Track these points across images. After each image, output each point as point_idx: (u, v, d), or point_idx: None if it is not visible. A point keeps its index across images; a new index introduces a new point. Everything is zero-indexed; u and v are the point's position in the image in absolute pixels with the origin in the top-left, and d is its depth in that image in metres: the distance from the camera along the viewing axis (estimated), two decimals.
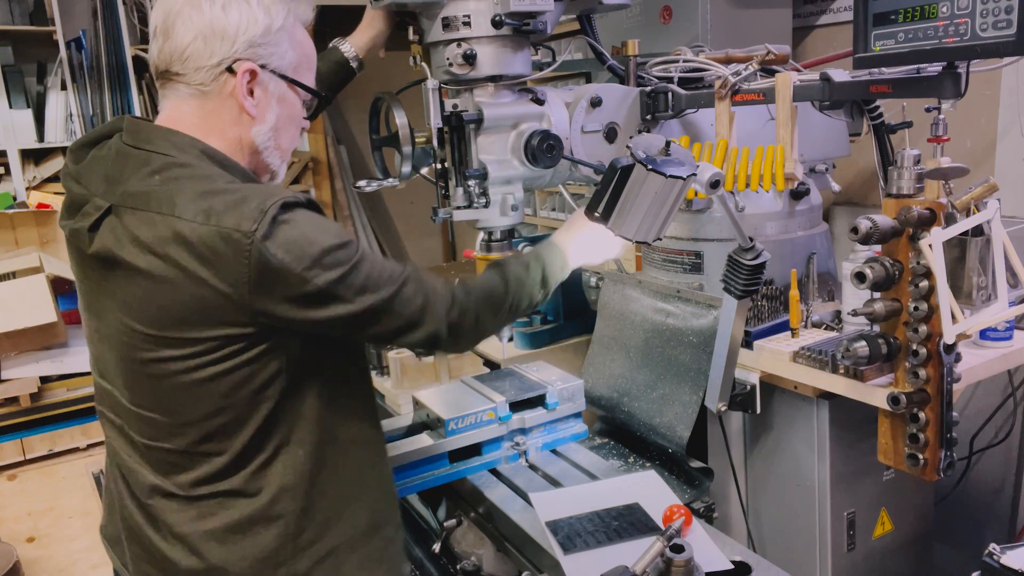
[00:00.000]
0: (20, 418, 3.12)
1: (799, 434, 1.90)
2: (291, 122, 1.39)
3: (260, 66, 1.29)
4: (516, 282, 1.45)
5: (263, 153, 1.36)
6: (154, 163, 1.26)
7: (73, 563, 3.14)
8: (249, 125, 1.32)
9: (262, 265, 1.16)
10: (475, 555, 1.76)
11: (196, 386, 1.25)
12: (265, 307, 1.20)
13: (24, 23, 3.94)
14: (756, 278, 1.62)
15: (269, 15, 1.29)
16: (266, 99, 1.32)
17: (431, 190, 1.81)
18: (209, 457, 1.29)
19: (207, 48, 1.26)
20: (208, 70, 1.28)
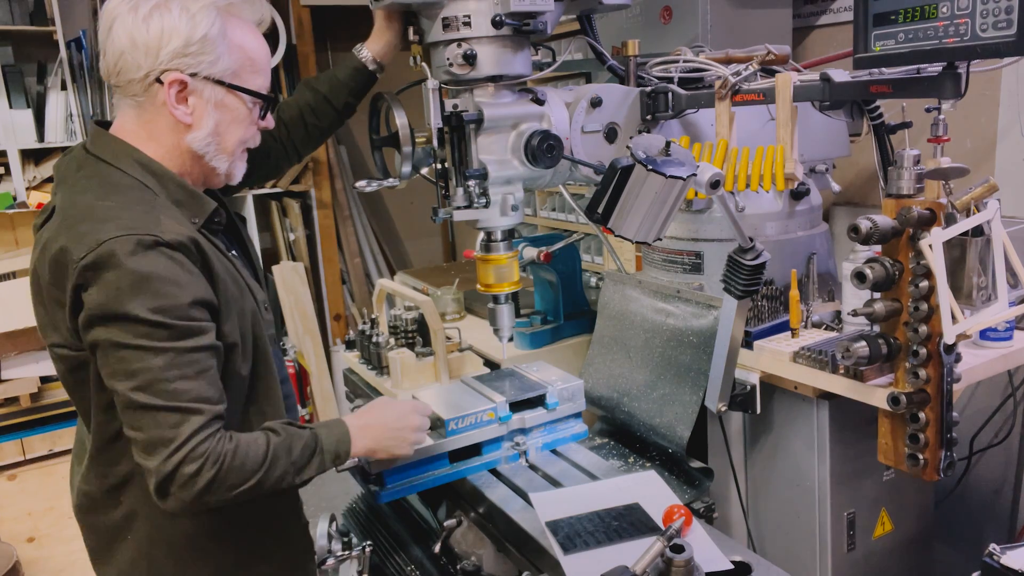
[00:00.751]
0: (20, 418, 3.11)
1: (799, 434, 1.90)
2: (235, 125, 1.40)
3: (190, 75, 1.31)
4: (274, 461, 1.30)
5: (205, 157, 1.38)
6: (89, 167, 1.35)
7: (73, 563, 3.14)
8: (185, 132, 1.35)
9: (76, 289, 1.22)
10: (475, 555, 1.76)
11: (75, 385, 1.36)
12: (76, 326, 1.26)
13: (24, 23, 3.94)
14: (756, 278, 1.62)
15: (194, 24, 1.30)
16: (202, 106, 1.34)
17: (431, 190, 1.81)
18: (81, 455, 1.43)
19: (133, 61, 1.29)
20: (138, 82, 1.31)
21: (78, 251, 1.21)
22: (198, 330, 1.25)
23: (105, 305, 1.20)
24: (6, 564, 2.80)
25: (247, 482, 1.26)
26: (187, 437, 1.21)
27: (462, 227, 5.61)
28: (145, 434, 1.22)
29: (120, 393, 1.22)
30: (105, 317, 1.20)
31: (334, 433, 1.41)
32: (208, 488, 1.22)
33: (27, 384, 3.08)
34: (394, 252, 5.68)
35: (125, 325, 1.20)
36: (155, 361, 1.21)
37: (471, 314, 2.80)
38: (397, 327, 2.36)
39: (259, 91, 1.41)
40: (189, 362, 1.23)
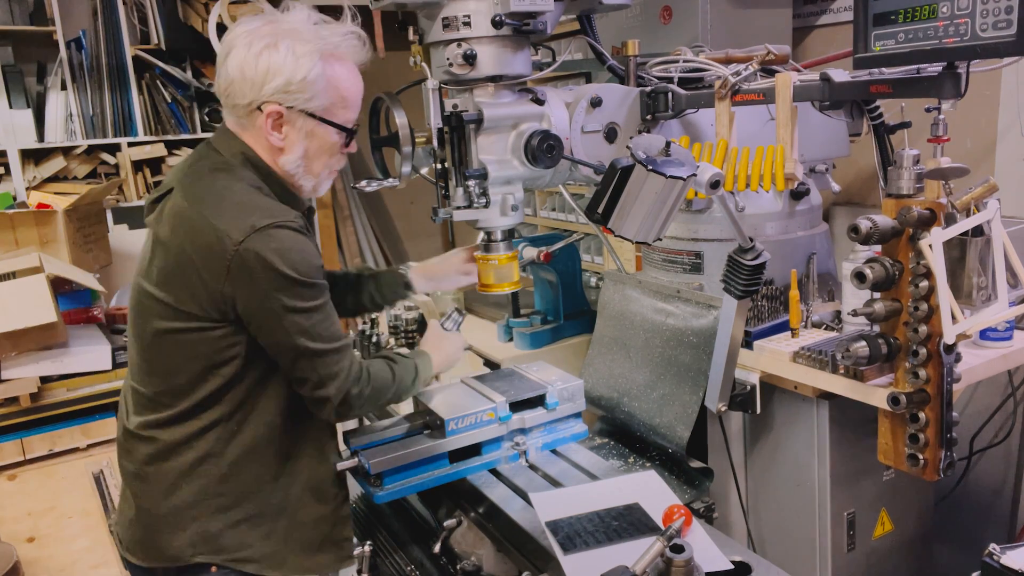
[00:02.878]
0: (20, 418, 3.11)
1: (799, 434, 1.90)
2: (322, 152, 1.59)
3: (287, 107, 1.51)
4: (400, 382, 1.67)
5: (294, 177, 1.59)
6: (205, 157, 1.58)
7: (73, 563, 3.13)
8: (278, 154, 1.56)
9: (238, 267, 1.43)
10: (475, 555, 1.76)
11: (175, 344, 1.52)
12: (230, 300, 1.46)
13: (24, 23, 3.94)
14: (756, 278, 1.62)
15: (299, 66, 1.48)
16: (294, 134, 1.54)
17: (431, 190, 1.81)
18: (164, 408, 1.55)
19: (240, 90, 1.50)
20: (242, 107, 1.52)
21: (235, 233, 1.43)
22: (326, 286, 1.54)
23: (275, 281, 1.44)
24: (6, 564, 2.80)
25: (384, 396, 1.64)
26: (347, 369, 1.54)
27: (462, 227, 5.60)
28: (320, 372, 1.51)
29: (298, 347, 1.48)
30: (277, 289, 1.45)
31: (425, 363, 1.77)
32: (365, 403, 1.59)
33: (27, 384, 3.07)
34: (394, 252, 5.68)
35: (293, 290, 1.46)
36: (318, 316, 1.50)
37: (471, 314, 2.80)
38: (397, 327, 2.36)
39: (346, 125, 1.59)
40: (332, 311, 1.55)
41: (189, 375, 1.53)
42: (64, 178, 4.04)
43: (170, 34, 4.23)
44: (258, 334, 1.50)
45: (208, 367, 1.52)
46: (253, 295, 1.45)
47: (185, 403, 1.54)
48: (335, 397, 1.53)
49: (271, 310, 1.46)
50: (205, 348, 1.51)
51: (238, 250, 1.42)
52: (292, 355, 1.50)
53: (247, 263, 1.43)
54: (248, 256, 1.42)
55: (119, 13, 4.02)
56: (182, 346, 1.51)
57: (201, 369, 1.52)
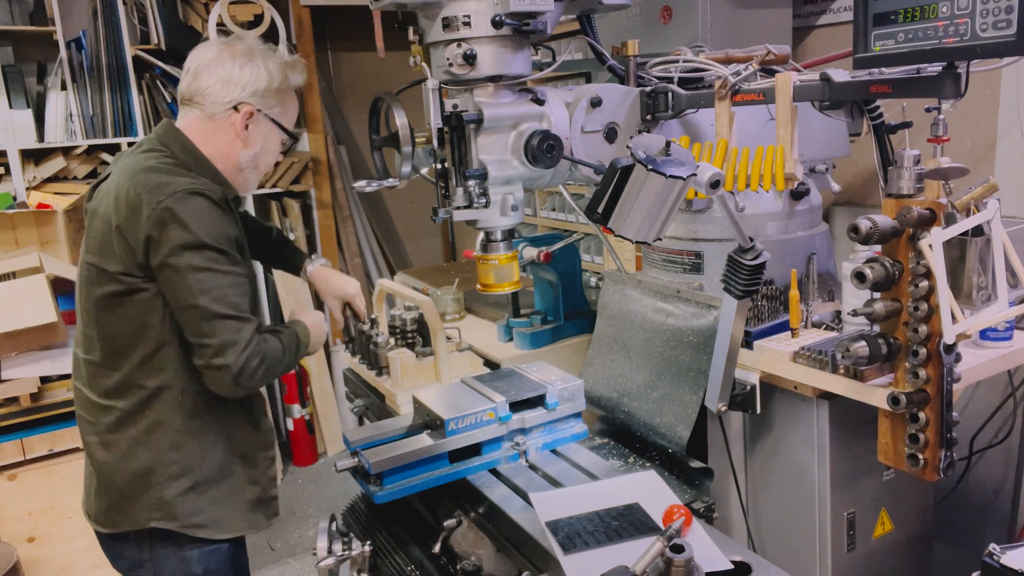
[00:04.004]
0: (20, 418, 3.11)
1: (799, 434, 1.90)
2: (269, 153, 1.88)
3: (257, 110, 1.80)
4: (288, 351, 1.79)
5: (244, 171, 1.84)
6: (143, 144, 1.80)
7: (73, 563, 3.14)
8: (240, 148, 1.81)
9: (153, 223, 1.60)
10: (475, 555, 1.76)
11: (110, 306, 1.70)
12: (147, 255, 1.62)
13: (24, 23, 3.94)
14: (756, 278, 1.62)
15: (271, 76, 1.79)
16: (257, 133, 1.82)
17: (431, 190, 1.81)
18: (110, 374, 1.73)
19: (223, 91, 1.77)
20: (221, 105, 1.77)
21: (157, 195, 1.62)
22: (238, 260, 1.71)
23: (186, 238, 1.60)
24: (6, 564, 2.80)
25: (278, 368, 1.75)
26: (248, 339, 1.65)
27: (462, 227, 5.61)
28: (218, 338, 1.63)
29: (198, 307, 1.62)
30: (186, 246, 1.60)
31: (302, 330, 1.90)
32: (264, 375, 1.69)
33: (27, 384, 3.07)
34: (394, 252, 5.68)
35: (203, 252, 1.62)
36: (223, 280, 1.65)
37: (471, 314, 2.80)
38: (397, 327, 2.36)
39: (290, 130, 1.89)
40: (241, 283, 1.69)
41: (125, 337, 1.70)
42: (64, 178, 4.03)
43: (170, 34, 4.23)
44: (164, 291, 1.65)
45: (139, 328, 1.68)
46: (162, 250, 1.61)
47: (126, 366, 1.71)
48: (233, 365, 1.63)
49: (176, 267, 1.61)
50: (133, 310, 1.68)
51: (156, 208, 1.60)
52: (194, 316, 1.62)
53: (162, 219, 1.60)
54: (165, 214, 1.60)
55: (119, 13, 4.02)
56: (117, 308, 1.69)
57: (134, 331, 1.69)
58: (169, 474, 1.74)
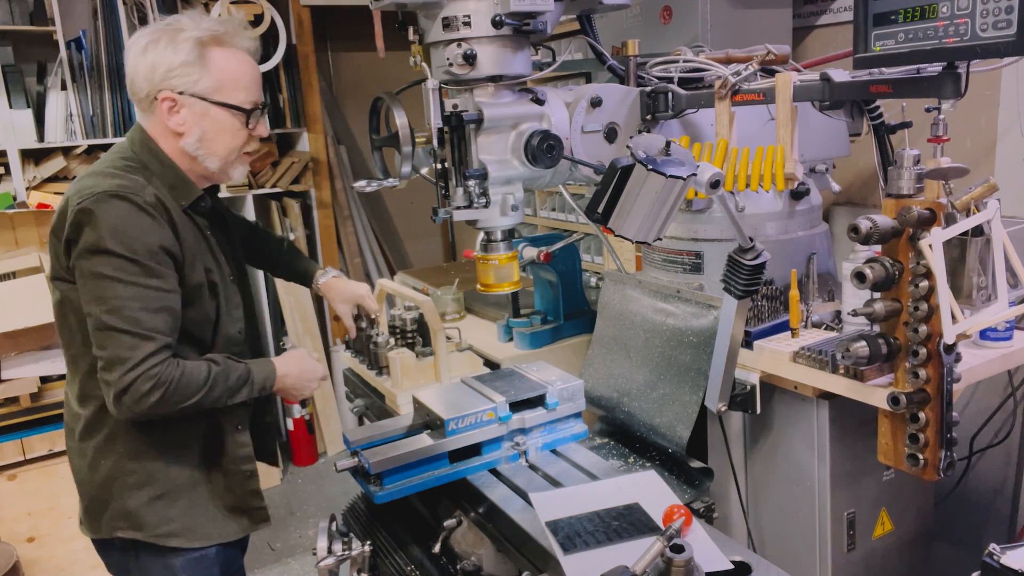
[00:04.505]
0: (20, 418, 3.11)
1: (799, 434, 1.90)
2: (223, 133, 1.71)
3: (178, 93, 1.65)
4: (213, 385, 1.63)
5: (198, 159, 1.71)
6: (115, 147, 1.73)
7: (73, 563, 3.14)
8: (179, 139, 1.69)
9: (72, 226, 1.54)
10: (475, 555, 1.76)
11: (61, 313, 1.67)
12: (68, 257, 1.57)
13: (24, 23, 3.94)
14: (756, 278, 1.62)
15: (177, 52, 1.63)
16: (191, 117, 1.68)
17: (431, 190, 1.81)
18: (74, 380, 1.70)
19: (138, 85, 1.67)
20: (144, 100, 1.68)
21: (77, 198, 1.55)
22: (162, 273, 1.58)
23: (93, 242, 1.52)
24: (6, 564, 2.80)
25: (189, 400, 1.59)
26: (141, 359, 1.52)
27: (462, 227, 5.61)
28: (108, 352, 1.53)
29: (93, 316, 1.53)
30: (92, 251, 1.53)
31: (264, 371, 1.74)
32: (158, 403, 1.54)
33: (27, 384, 3.08)
34: (394, 252, 5.68)
35: (106, 259, 1.52)
36: (124, 291, 1.53)
37: (471, 314, 2.80)
38: (397, 327, 2.36)
39: (241, 105, 1.70)
40: (153, 298, 1.56)
41: (76, 345, 1.66)
42: (64, 178, 4.03)
43: None
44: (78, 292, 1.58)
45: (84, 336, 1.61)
46: (74, 253, 1.55)
47: (80, 374, 1.68)
48: (115, 384, 1.52)
49: (81, 270, 1.55)
50: (75, 317, 1.63)
51: (76, 209, 1.54)
52: (89, 324, 1.55)
53: (78, 221, 1.54)
54: (81, 216, 1.53)
55: (119, 13, 4.02)
56: (64, 316, 1.66)
57: (81, 339, 1.63)
58: (130, 484, 1.70)
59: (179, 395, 1.57)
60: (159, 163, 1.68)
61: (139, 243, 1.54)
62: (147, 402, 1.53)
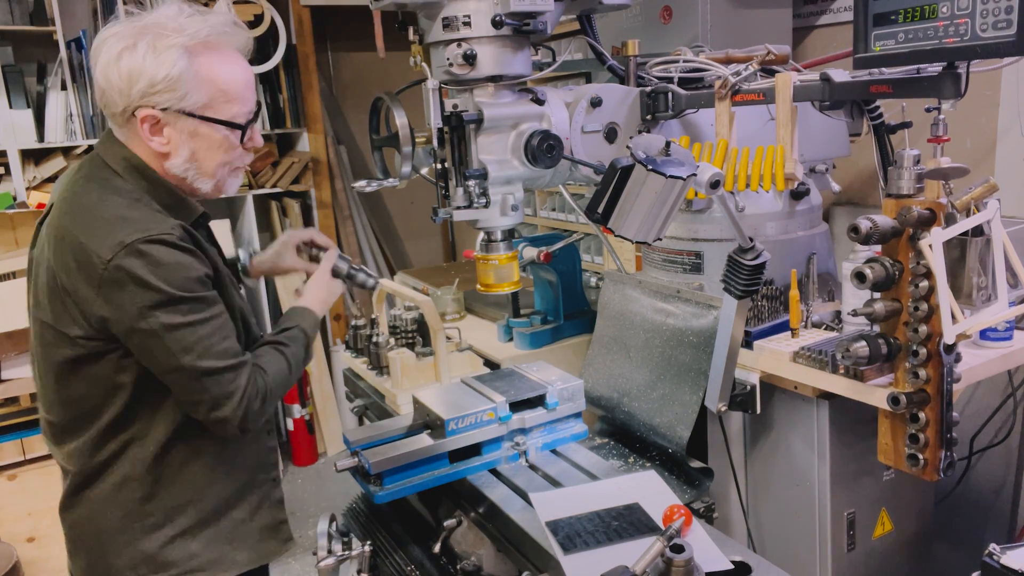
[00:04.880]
0: (20, 418, 3.11)
1: (799, 434, 1.90)
2: (214, 151, 1.50)
3: (161, 110, 1.42)
4: (295, 362, 1.60)
5: (187, 180, 1.51)
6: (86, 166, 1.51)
7: None
8: (164, 159, 1.48)
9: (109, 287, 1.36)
10: (475, 555, 1.76)
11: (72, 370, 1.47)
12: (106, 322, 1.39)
13: (24, 23, 3.94)
14: (756, 278, 1.62)
15: (160, 64, 1.39)
16: (177, 136, 1.46)
17: (431, 190, 1.81)
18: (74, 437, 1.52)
19: (111, 98, 1.43)
20: (119, 115, 1.45)
21: (103, 251, 1.36)
22: (215, 299, 1.46)
23: (148, 297, 1.36)
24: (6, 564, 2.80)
25: (286, 386, 1.58)
26: (245, 385, 1.45)
27: (462, 227, 5.61)
28: (211, 393, 1.43)
29: (184, 368, 1.40)
30: (152, 307, 1.37)
31: (308, 320, 1.69)
32: (271, 402, 1.52)
33: (27, 384, 3.08)
34: (394, 252, 5.68)
35: (174, 307, 1.38)
36: (203, 330, 1.42)
37: (471, 314, 2.80)
38: (397, 327, 2.36)
39: (233, 120, 1.49)
40: (222, 326, 1.46)
41: (95, 400, 1.48)
42: None
43: None
44: (140, 356, 1.43)
45: (111, 388, 1.47)
46: (127, 315, 1.37)
47: (93, 429, 1.50)
48: (234, 418, 1.45)
49: (149, 330, 1.38)
50: (104, 370, 1.45)
51: (107, 268, 1.35)
52: (179, 377, 1.42)
53: (118, 282, 1.36)
54: (118, 275, 1.35)
55: (119, 13, 4.02)
56: (84, 372, 1.46)
57: (104, 391, 1.47)
58: (147, 526, 1.54)
59: (278, 387, 1.55)
60: (149, 184, 1.48)
61: (191, 281, 1.40)
62: (265, 411, 1.51)
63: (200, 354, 1.41)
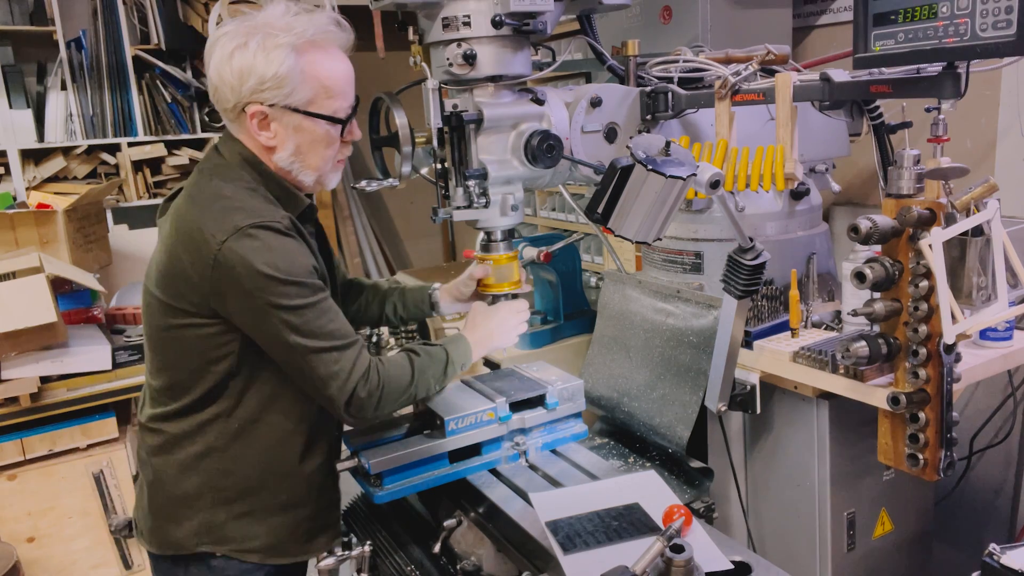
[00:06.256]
0: (20, 418, 3.10)
1: (799, 434, 1.90)
2: (317, 145, 1.56)
3: (269, 106, 1.50)
4: (421, 376, 1.62)
5: (292, 172, 1.58)
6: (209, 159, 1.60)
7: (73, 563, 3.13)
8: (271, 152, 1.55)
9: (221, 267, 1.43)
10: (475, 555, 1.76)
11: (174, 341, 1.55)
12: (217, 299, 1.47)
13: (24, 23, 3.94)
14: (756, 278, 1.62)
15: (270, 62, 1.46)
16: (283, 131, 1.53)
17: (431, 190, 1.81)
18: (168, 402, 1.59)
19: (223, 95, 1.51)
20: (230, 111, 1.53)
21: (219, 234, 1.43)
22: (321, 286, 1.51)
23: (259, 275, 1.43)
24: (6, 564, 2.80)
25: (403, 395, 1.59)
26: (349, 368, 1.50)
27: (462, 227, 5.61)
28: (320, 372, 1.48)
29: (288, 343, 1.46)
30: (262, 285, 1.43)
31: (460, 348, 1.72)
32: (378, 404, 1.54)
33: (27, 384, 3.07)
34: (394, 252, 5.68)
35: (276, 288, 1.44)
36: (309, 313, 1.47)
37: None
38: (397, 328, 2.36)
39: (335, 115, 1.55)
40: (328, 308, 1.51)
41: (188, 371, 1.55)
42: (64, 178, 4.03)
43: (170, 34, 4.23)
44: (251, 333, 1.50)
45: (205, 363, 1.54)
46: (238, 293, 1.45)
47: (187, 398, 1.57)
48: (338, 398, 1.50)
49: (257, 308, 1.45)
50: (201, 345, 1.52)
51: (220, 249, 1.43)
52: (286, 353, 1.49)
53: (229, 262, 1.43)
54: (230, 255, 1.43)
55: (119, 13, 4.02)
56: (180, 343, 1.54)
57: (199, 365, 1.54)
58: (220, 499, 1.60)
59: (393, 393, 1.56)
60: (262, 177, 1.56)
61: (297, 266, 1.46)
62: (373, 403, 1.53)
63: (306, 333, 1.46)
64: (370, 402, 1.53)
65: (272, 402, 1.59)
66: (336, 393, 1.50)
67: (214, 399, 1.57)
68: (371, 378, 1.53)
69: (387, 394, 1.55)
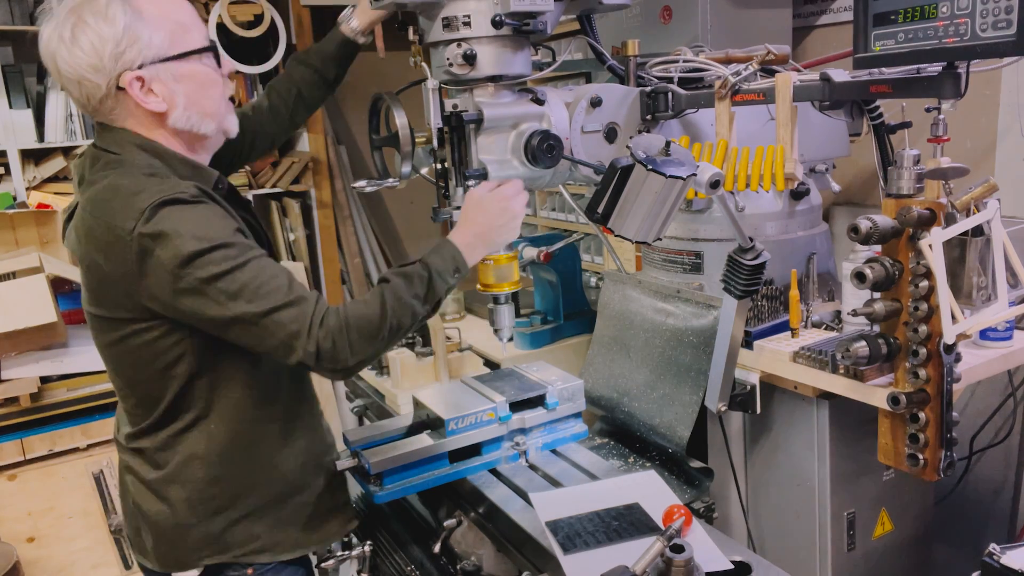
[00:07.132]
0: (20, 418, 3.11)
1: (799, 434, 1.90)
2: (204, 87, 1.48)
3: (139, 67, 1.40)
4: (397, 302, 1.44)
5: (193, 128, 1.48)
6: (96, 159, 1.47)
7: (73, 563, 3.13)
8: (166, 118, 1.45)
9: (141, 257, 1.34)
10: (475, 555, 1.76)
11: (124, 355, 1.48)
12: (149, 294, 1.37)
13: (24, 23, 3.94)
14: (756, 278, 1.62)
15: (113, 23, 1.37)
16: (167, 87, 1.43)
17: (431, 190, 1.81)
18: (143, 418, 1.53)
19: (90, 84, 1.40)
20: (107, 99, 1.42)
21: (127, 224, 1.33)
22: (251, 244, 1.41)
23: (177, 255, 1.32)
24: (6, 564, 2.80)
25: (379, 329, 1.41)
26: (307, 324, 1.36)
27: None
28: (280, 336, 1.36)
29: (236, 315, 1.34)
30: (183, 264, 1.32)
31: (443, 255, 1.52)
32: (352, 347, 1.38)
33: (27, 384, 3.07)
34: (394, 252, 5.68)
35: (206, 257, 1.33)
36: (245, 275, 1.35)
37: (471, 314, 2.80)
38: None
39: (201, 46, 1.47)
40: (266, 266, 1.39)
41: (149, 383, 1.48)
42: (64, 178, 4.03)
43: None
44: (195, 322, 1.39)
45: (162, 369, 1.46)
46: (165, 279, 1.35)
47: (157, 410, 1.50)
48: (308, 357, 1.37)
49: (189, 288, 1.34)
50: (150, 352, 1.45)
51: (133, 238, 1.33)
52: (239, 329, 1.37)
53: (146, 248, 1.33)
54: (145, 242, 1.33)
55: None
56: (130, 355, 1.47)
57: (156, 374, 1.47)
58: (212, 509, 1.54)
59: (364, 332, 1.40)
60: (159, 158, 1.46)
61: (215, 229, 1.36)
62: (348, 353, 1.38)
63: (248, 298, 1.34)
64: (342, 348, 1.38)
65: (246, 392, 1.51)
66: (303, 354, 1.36)
67: (188, 405, 1.50)
68: (329, 323, 1.37)
69: (357, 333, 1.39)
